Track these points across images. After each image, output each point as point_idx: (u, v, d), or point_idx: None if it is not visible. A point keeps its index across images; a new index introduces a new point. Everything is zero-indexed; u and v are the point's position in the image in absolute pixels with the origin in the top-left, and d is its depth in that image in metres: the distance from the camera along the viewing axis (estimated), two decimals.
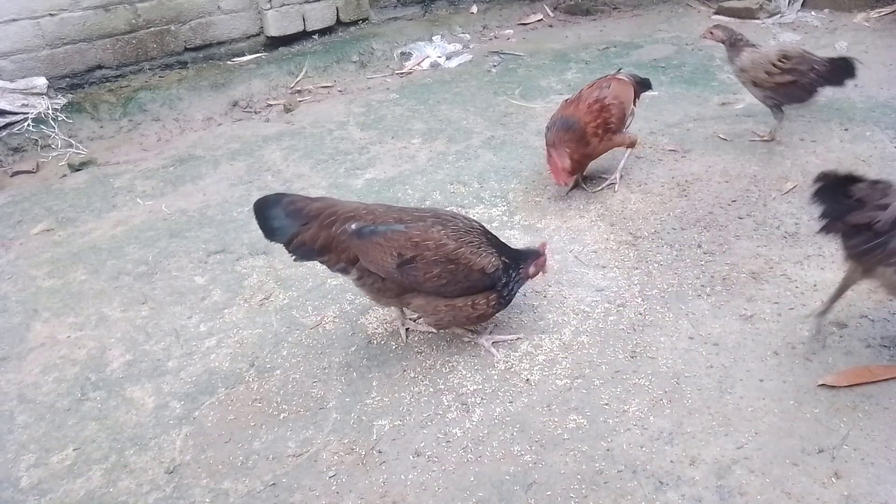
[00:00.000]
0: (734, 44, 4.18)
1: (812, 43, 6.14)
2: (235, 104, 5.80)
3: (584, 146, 3.70)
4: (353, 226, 2.62)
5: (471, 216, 2.63)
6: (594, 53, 6.47)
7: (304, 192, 4.30)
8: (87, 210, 4.33)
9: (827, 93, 5.06)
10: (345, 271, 2.70)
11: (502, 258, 2.74)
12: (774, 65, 4.00)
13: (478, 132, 4.97)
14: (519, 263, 2.79)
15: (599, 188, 4.02)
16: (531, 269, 2.82)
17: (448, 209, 3.10)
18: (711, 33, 4.29)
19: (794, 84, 4.02)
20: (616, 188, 3.98)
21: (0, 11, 5.19)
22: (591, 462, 2.32)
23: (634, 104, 4.04)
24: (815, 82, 4.04)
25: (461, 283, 2.66)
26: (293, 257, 2.70)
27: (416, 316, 3.00)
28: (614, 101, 3.78)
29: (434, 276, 2.62)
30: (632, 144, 3.95)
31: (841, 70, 4.04)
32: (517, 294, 2.86)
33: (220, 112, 5.70)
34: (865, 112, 4.68)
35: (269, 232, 2.67)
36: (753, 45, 4.19)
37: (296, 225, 2.63)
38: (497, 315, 2.93)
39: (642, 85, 4.17)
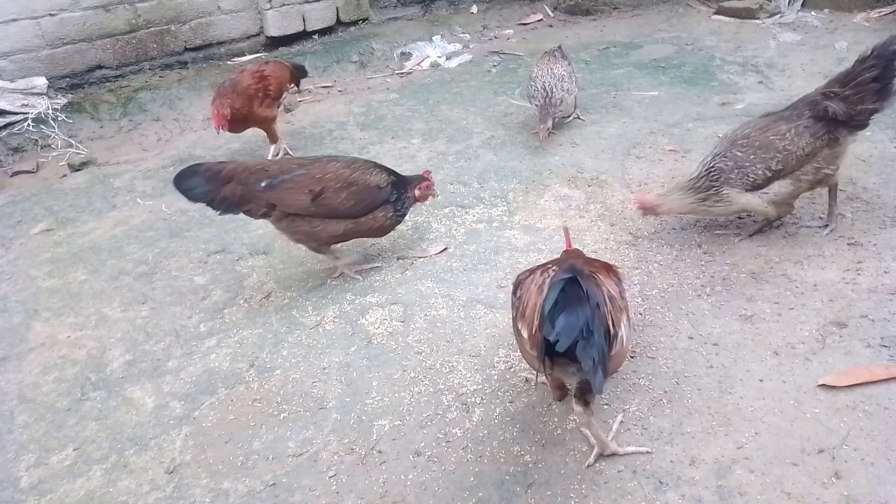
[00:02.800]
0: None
1: (812, 43, 6.15)
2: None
3: (248, 105, 4.42)
4: (263, 183, 3.14)
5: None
6: (594, 53, 6.47)
7: None
8: (87, 210, 4.33)
9: None
10: (266, 216, 3.23)
11: (391, 177, 3.34)
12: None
13: (478, 132, 4.97)
14: (406, 187, 3.38)
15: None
16: (416, 193, 3.40)
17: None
18: (549, 130, 4.60)
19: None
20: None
21: (0, 11, 5.20)
22: None
23: (290, 85, 4.91)
24: None
25: (366, 201, 3.24)
26: (218, 212, 3.21)
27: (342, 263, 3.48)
28: (271, 74, 4.60)
29: (344, 200, 3.18)
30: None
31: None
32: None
33: None
34: None
35: (194, 196, 3.16)
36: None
37: (215, 185, 3.13)
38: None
39: (299, 70, 5.02)
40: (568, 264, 2.12)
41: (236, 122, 4.42)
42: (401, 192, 3.36)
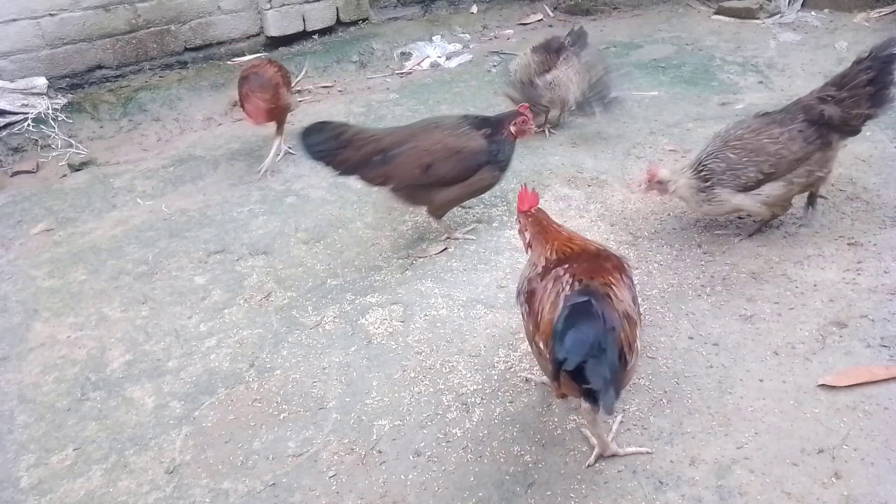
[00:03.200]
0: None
1: (812, 43, 6.15)
2: (235, 104, 5.78)
3: (276, 94, 4.41)
4: (378, 157, 3.37)
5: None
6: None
7: (304, 192, 4.32)
8: (87, 210, 4.33)
9: None
10: (383, 185, 3.47)
11: (488, 131, 3.43)
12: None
13: None
14: (499, 129, 3.44)
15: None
16: (512, 129, 3.46)
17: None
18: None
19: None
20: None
21: (0, 11, 5.19)
22: None
23: None
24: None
25: (471, 166, 3.41)
26: (337, 173, 3.45)
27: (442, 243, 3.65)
28: (282, 65, 4.72)
29: (451, 168, 3.37)
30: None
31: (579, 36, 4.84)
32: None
33: (220, 112, 5.70)
34: None
35: (318, 152, 3.38)
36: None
37: (337, 146, 3.36)
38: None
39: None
40: (583, 284, 2.04)
41: (269, 113, 4.44)
42: (497, 139, 3.44)
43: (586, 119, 4.92)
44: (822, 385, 2.51)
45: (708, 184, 3.22)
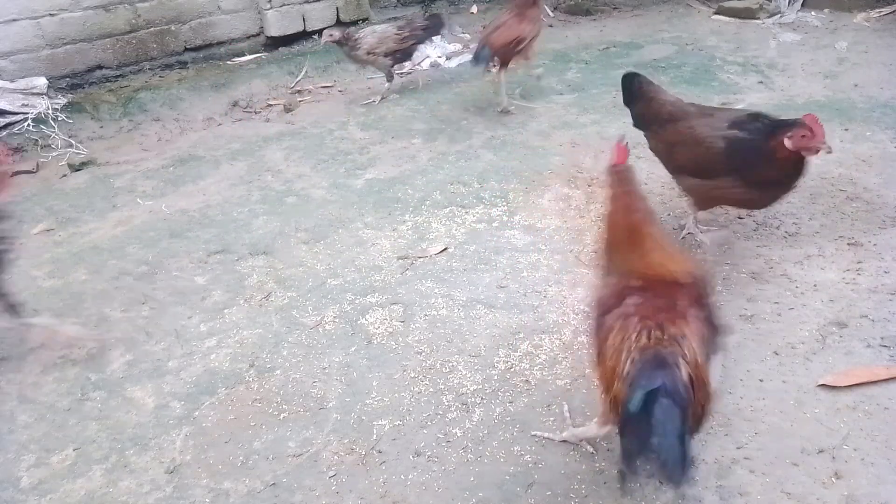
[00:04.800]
0: (348, 38, 5.35)
1: (812, 43, 6.15)
2: (236, 104, 5.80)
3: None
4: (656, 126, 3.43)
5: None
6: (594, 53, 6.47)
7: (305, 192, 4.32)
8: (87, 210, 4.33)
9: (826, 93, 5.09)
10: (656, 153, 3.50)
11: (738, 134, 3.00)
12: (397, 34, 5.43)
13: (478, 132, 4.97)
14: (765, 137, 2.88)
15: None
16: (787, 143, 2.79)
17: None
18: (331, 35, 5.36)
19: (413, 44, 5.53)
20: None
21: (0, 11, 5.20)
22: (591, 462, 2.32)
23: None
24: (422, 37, 5.57)
25: (705, 165, 3.11)
26: (633, 123, 3.64)
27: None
28: None
29: (687, 161, 3.22)
30: None
31: (435, 23, 5.69)
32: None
33: (220, 112, 5.70)
34: (866, 112, 4.68)
35: (628, 101, 3.67)
36: (363, 32, 5.44)
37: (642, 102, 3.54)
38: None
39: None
40: (654, 351, 1.80)
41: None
42: (745, 146, 2.94)
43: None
44: (823, 385, 2.51)
45: None
